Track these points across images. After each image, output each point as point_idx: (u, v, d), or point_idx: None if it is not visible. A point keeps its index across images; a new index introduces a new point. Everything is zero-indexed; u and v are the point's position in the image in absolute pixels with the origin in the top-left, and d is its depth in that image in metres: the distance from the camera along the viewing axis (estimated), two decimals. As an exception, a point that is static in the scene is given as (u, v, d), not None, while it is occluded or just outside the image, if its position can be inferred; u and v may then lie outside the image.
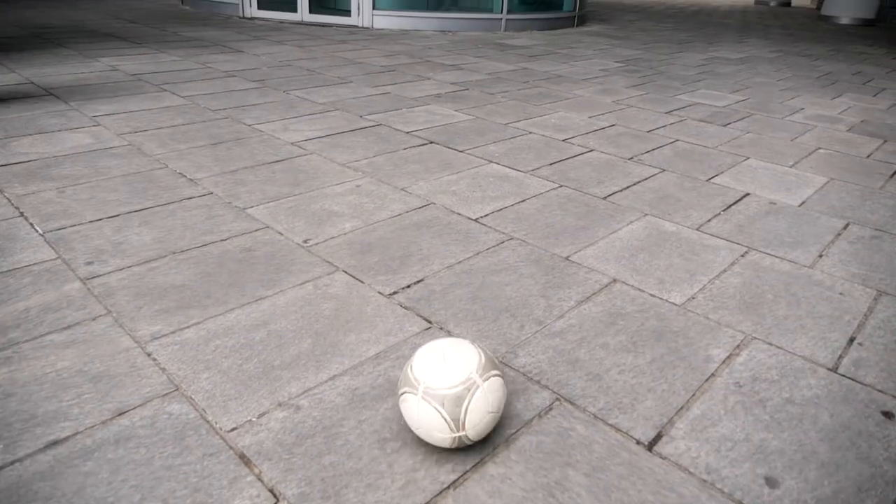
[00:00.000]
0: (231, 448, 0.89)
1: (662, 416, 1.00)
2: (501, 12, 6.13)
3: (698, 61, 4.92)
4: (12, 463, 0.85)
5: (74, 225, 1.55)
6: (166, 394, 0.99)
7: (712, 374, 1.10)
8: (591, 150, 2.39)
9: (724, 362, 1.14)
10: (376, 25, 5.77)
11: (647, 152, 2.41)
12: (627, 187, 2.01)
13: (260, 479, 0.85)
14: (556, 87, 3.59)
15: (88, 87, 2.92)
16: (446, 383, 0.84)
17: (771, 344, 1.21)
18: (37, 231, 1.51)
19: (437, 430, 0.85)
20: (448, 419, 0.84)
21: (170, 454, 0.88)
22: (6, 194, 1.70)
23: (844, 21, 9.77)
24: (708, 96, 3.57)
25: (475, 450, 0.91)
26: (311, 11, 5.79)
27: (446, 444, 0.87)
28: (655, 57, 5.02)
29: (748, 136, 2.74)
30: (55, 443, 0.89)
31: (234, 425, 0.94)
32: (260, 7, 5.86)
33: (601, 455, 0.91)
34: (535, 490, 0.85)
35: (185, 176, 1.90)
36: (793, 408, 1.03)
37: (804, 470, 0.91)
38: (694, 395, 1.05)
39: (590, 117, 2.91)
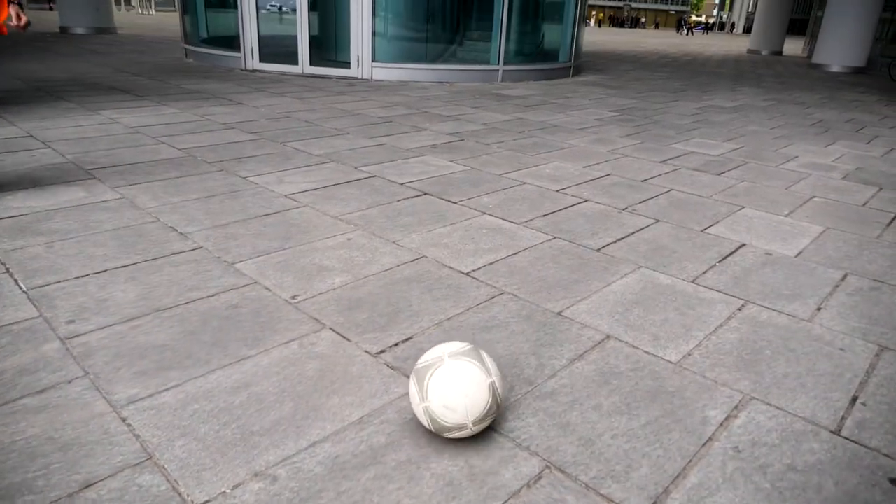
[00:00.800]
0: (202, 524, 0.85)
1: (657, 485, 0.95)
2: (498, 63, 6.26)
3: (692, 110, 4.98)
4: (-32, 542, 0.81)
5: (59, 281, 1.52)
6: (138, 463, 0.95)
7: (710, 438, 1.06)
8: (586, 201, 2.39)
9: (721, 424, 1.10)
10: (375, 77, 5.88)
11: (641, 202, 2.40)
12: (622, 238, 2.00)
13: (230, 560, 0.80)
14: (551, 136, 3.62)
15: (86, 139, 2.95)
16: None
17: (770, 404, 1.16)
18: (20, 288, 1.48)
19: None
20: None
21: (136, 532, 0.83)
22: (-7, 250, 1.69)
23: (835, 69, 9.97)
24: (702, 145, 3.60)
25: (459, 525, 0.86)
26: (311, 64, 5.92)
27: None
28: (650, 106, 5.09)
29: (743, 184, 2.75)
30: (16, 519, 0.84)
31: (206, 498, 0.89)
32: (262, 60, 5.99)
33: (593, 530, 0.86)
34: (523, 570, 0.80)
35: (175, 230, 1.89)
36: (795, 475, 0.98)
37: (808, 545, 0.85)
38: (690, 461, 1.00)
39: (584, 167, 2.92)
